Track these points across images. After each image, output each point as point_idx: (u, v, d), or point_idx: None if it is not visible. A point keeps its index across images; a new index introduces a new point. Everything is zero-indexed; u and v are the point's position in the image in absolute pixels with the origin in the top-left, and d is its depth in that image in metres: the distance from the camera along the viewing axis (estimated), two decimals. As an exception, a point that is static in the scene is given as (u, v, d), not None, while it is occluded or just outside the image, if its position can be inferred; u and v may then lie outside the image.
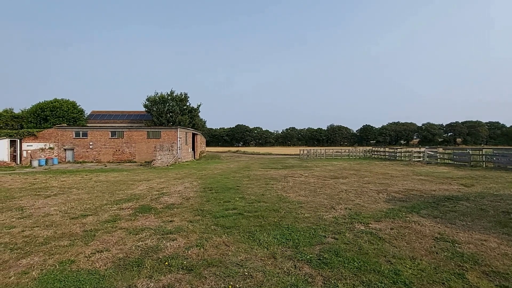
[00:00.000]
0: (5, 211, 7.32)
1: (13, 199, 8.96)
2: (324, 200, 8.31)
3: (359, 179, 12.88)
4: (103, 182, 12.85)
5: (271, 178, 13.69)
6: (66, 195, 9.54)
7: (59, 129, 28.24)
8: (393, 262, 3.99)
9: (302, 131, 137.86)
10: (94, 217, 6.60)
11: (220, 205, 7.66)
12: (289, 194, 9.31)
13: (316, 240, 4.89)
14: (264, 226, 5.69)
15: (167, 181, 13.14)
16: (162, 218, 6.50)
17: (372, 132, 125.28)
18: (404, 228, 5.56)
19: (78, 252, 4.50)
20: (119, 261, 4.14)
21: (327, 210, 7.08)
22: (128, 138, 28.28)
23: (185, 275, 3.69)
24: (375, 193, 9.37)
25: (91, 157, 27.87)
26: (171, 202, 8.26)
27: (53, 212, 7.19)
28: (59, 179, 14.29)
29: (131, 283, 3.48)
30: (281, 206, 7.47)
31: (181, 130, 29.18)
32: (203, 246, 4.65)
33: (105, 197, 9.19)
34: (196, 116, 42.40)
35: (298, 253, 4.35)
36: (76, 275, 3.71)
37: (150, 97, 38.84)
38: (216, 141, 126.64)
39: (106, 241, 4.98)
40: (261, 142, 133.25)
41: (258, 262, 4.04)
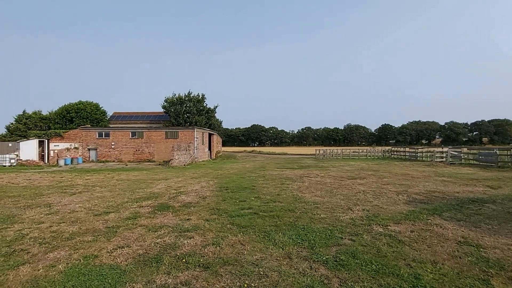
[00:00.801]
0: (34, 207, 7.76)
1: (42, 196, 9.47)
2: (341, 201, 8.19)
3: (377, 180, 12.58)
4: (124, 181, 13.31)
5: (287, 178, 13.64)
6: (90, 193, 9.97)
7: (83, 130, 29.51)
8: (413, 266, 3.88)
9: (318, 131, 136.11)
10: (116, 214, 6.87)
11: (236, 205, 7.73)
12: (304, 194, 9.25)
13: (333, 241, 4.84)
14: (279, 226, 5.70)
15: (184, 180, 13.41)
16: (180, 216, 6.66)
17: (391, 132, 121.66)
18: (425, 231, 5.39)
19: (101, 247, 4.70)
20: (139, 257, 4.29)
21: (343, 211, 6.98)
22: (148, 138, 29.10)
23: (201, 273, 3.77)
24: (395, 194, 9.12)
25: (113, 156, 28.91)
26: (188, 201, 8.43)
27: (78, 209, 7.54)
28: (84, 177, 14.94)
29: (150, 279, 3.60)
30: (297, 206, 7.43)
31: (198, 130, 29.65)
32: (219, 245, 4.73)
33: (126, 195, 9.52)
34: (213, 117, 42.89)
35: (314, 254, 4.33)
36: (99, 269, 3.88)
37: (168, 98, 39.71)
38: (232, 141, 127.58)
39: (127, 238, 5.17)
40: (277, 142, 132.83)
41: (273, 262, 4.06)
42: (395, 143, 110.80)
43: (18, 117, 34.85)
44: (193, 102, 39.61)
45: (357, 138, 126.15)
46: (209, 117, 41.46)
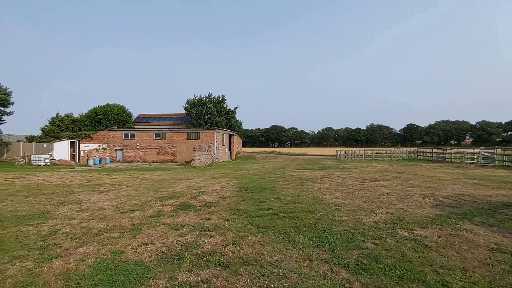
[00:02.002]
0: (66, 204, 8.24)
1: (73, 194, 10.04)
2: (363, 203, 7.98)
3: (402, 182, 12.12)
4: (148, 180, 13.79)
5: (307, 179, 13.49)
6: (117, 191, 10.43)
7: (110, 131, 30.93)
8: (441, 273, 3.70)
9: (339, 131, 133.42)
10: (140, 212, 7.14)
11: (256, 205, 7.77)
12: (325, 195, 9.10)
13: (354, 245, 4.73)
14: (299, 228, 5.65)
15: (205, 180, 13.66)
16: (201, 215, 6.79)
17: (417, 132, 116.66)
18: (454, 236, 5.12)
19: (126, 243, 4.91)
20: (162, 254, 4.43)
21: (366, 213, 6.80)
22: (170, 139, 29.94)
23: (221, 271, 3.83)
24: (421, 197, 8.75)
25: (137, 156, 30.04)
26: (209, 200, 8.58)
27: (106, 206, 7.92)
28: (111, 176, 15.65)
29: (172, 276, 3.71)
30: (317, 208, 7.34)
31: (218, 131, 30.09)
32: (239, 244, 4.77)
33: (150, 194, 9.87)
34: (233, 118, 43.38)
35: (334, 256, 4.25)
36: (125, 264, 4.06)
37: (190, 100, 40.67)
38: (251, 142, 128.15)
39: (151, 235, 5.35)
40: (297, 143, 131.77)
41: (293, 264, 4.04)
42: (422, 144, 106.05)
43: (52, 119, 37.22)
44: (213, 103, 40.30)
45: (381, 138, 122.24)
46: (229, 118, 41.97)
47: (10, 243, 4.96)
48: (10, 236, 5.31)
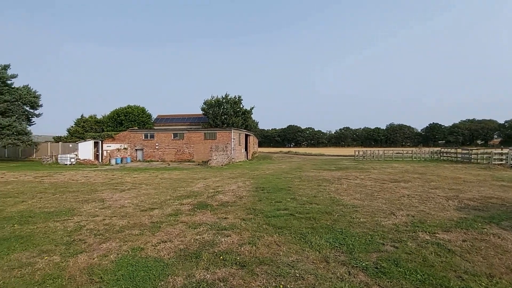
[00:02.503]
0: (90, 202, 8.61)
1: (96, 192, 10.47)
2: (383, 205, 7.77)
3: (424, 184, 11.68)
4: (167, 180, 14.14)
5: (324, 179, 13.32)
6: (137, 190, 10.76)
7: (131, 132, 31.96)
8: (465, 279, 3.55)
9: (358, 131, 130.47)
10: (159, 211, 7.33)
11: (272, 205, 7.76)
12: (343, 196, 8.95)
13: (373, 247, 4.63)
14: (316, 229, 5.60)
15: (221, 180, 13.81)
16: (218, 214, 6.88)
17: (440, 131, 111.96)
18: (479, 240, 4.88)
19: (146, 241, 5.06)
20: (180, 251, 4.54)
21: (385, 215, 6.62)
22: (188, 139, 30.51)
23: (238, 271, 3.86)
24: (444, 199, 8.40)
25: (157, 156, 30.84)
26: (225, 200, 8.67)
27: (127, 204, 8.20)
28: (132, 175, 16.17)
29: (190, 273, 3.79)
30: (334, 209, 7.23)
31: (235, 131, 30.31)
32: (255, 244, 4.80)
33: (169, 193, 10.11)
34: (249, 118, 43.56)
35: (352, 259, 4.18)
36: (145, 261, 4.19)
37: (207, 100, 41.27)
38: (268, 142, 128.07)
39: (170, 233, 5.49)
40: (313, 143, 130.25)
41: (309, 265, 4.01)
42: (445, 144, 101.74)
43: (77, 120, 39.01)
44: (230, 104, 40.65)
45: (401, 138, 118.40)
46: (246, 118, 42.17)
47: (39, 238, 5.25)
48: (39, 231, 5.62)
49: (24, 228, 5.86)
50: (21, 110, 30.06)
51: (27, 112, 31.33)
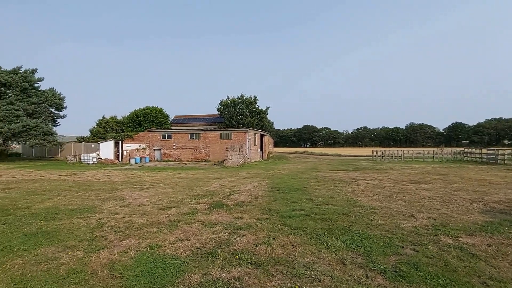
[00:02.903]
0: (111, 200, 8.92)
1: (117, 190, 10.83)
2: (402, 207, 7.54)
3: (446, 185, 11.23)
4: (184, 179, 14.40)
5: (340, 180, 13.10)
6: (155, 189, 11.04)
7: (150, 132, 32.80)
8: (490, 285, 3.39)
9: (376, 131, 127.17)
10: (176, 209, 7.49)
11: (287, 205, 7.73)
12: (360, 198, 8.76)
13: (392, 250, 4.50)
14: (332, 230, 5.52)
15: (237, 180, 13.90)
16: (233, 214, 6.94)
17: (464, 131, 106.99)
18: (506, 245, 4.64)
19: (164, 238, 5.18)
20: (197, 250, 4.61)
21: (405, 218, 6.42)
22: (204, 139, 30.92)
23: (253, 270, 3.88)
24: (468, 202, 8.04)
25: (174, 156, 31.48)
26: (241, 199, 8.72)
27: (146, 202, 8.43)
28: (150, 175, 16.60)
29: (206, 271, 3.84)
30: (351, 210, 7.10)
31: (250, 131, 30.40)
32: (270, 244, 4.79)
33: (185, 192, 10.30)
34: (264, 118, 43.52)
35: (370, 261, 4.09)
36: (163, 258, 4.29)
37: (223, 101, 41.64)
38: (283, 142, 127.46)
39: (186, 231, 5.59)
40: (330, 143, 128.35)
41: (325, 266, 3.96)
42: (469, 144, 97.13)
43: (98, 121, 40.50)
44: (245, 104, 40.80)
45: (422, 138, 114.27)
46: (261, 118, 42.17)
47: (64, 233, 5.51)
48: (64, 227, 5.89)
49: (50, 224, 6.16)
50: (47, 112, 31.60)
51: (53, 114, 32.88)
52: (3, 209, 7.61)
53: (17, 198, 9.26)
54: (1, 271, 3.86)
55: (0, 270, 3.89)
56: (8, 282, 3.58)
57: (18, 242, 4.97)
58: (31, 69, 30.64)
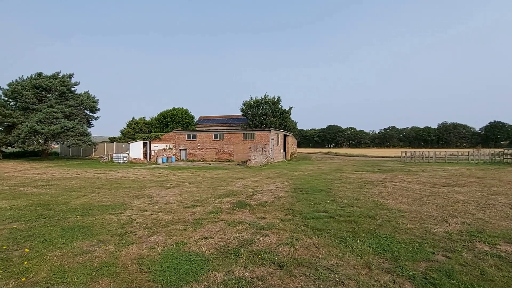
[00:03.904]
0: (140, 197, 9.33)
1: (145, 188, 11.31)
2: (433, 210, 7.16)
3: (483, 189, 10.48)
4: (208, 178, 14.71)
5: (366, 181, 12.69)
6: (181, 188, 11.39)
7: (176, 133, 33.87)
8: (534, 298, 3.12)
9: (405, 131, 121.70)
10: (201, 208, 7.67)
11: (311, 207, 7.63)
12: (387, 200, 8.44)
13: (422, 256, 4.29)
14: (357, 233, 5.37)
15: (260, 180, 13.94)
16: (256, 214, 6.98)
17: (503, 130, 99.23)
18: (554, 256, 4.24)
19: (189, 236, 5.34)
20: (220, 248, 4.70)
21: (436, 222, 6.09)
22: (227, 139, 31.36)
23: (276, 271, 3.88)
24: (507, 207, 7.45)
25: (198, 156, 32.24)
26: (264, 200, 8.75)
27: (172, 201, 8.72)
28: (176, 174, 17.14)
29: (229, 270, 3.91)
30: (378, 213, 6.85)
31: (273, 132, 30.35)
32: (293, 245, 4.77)
33: (210, 191, 10.51)
34: (287, 118, 43.27)
35: (398, 267, 3.93)
36: (188, 255, 4.42)
37: (246, 101, 42.01)
38: (307, 142, 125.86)
39: (210, 230, 5.72)
40: (355, 143, 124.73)
41: (350, 270, 3.87)
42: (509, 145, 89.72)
43: (128, 123, 42.53)
44: (268, 104, 40.84)
45: (456, 138, 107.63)
46: (284, 119, 41.98)
47: (97, 228, 5.85)
48: (97, 223, 6.26)
49: (85, 219, 6.58)
50: (82, 114, 33.70)
51: (87, 116, 34.99)
52: (44, 204, 8.24)
53: (56, 194, 9.98)
54: (43, 262, 4.18)
55: (42, 261, 4.22)
56: (48, 272, 3.87)
57: (57, 235, 5.37)
58: (68, 74, 32.85)
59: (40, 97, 30.78)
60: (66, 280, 3.64)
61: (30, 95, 29.56)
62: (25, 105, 29.72)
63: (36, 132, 27.90)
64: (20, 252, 4.53)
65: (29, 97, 29.50)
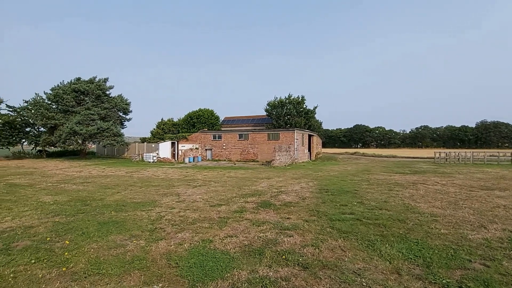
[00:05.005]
0: (168, 195, 9.70)
1: (173, 187, 11.74)
2: (470, 215, 6.70)
3: (529, 194, 9.61)
4: (233, 178, 14.92)
5: (396, 183, 12.15)
6: (207, 187, 11.67)
7: (202, 133, 34.72)
8: None
9: (439, 130, 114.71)
10: (226, 207, 7.82)
11: (336, 208, 7.48)
12: (419, 204, 8.03)
13: (457, 263, 4.05)
14: (386, 237, 5.18)
15: (284, 180, 13.88)
16: (280, 214, 6.97)
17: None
18: None
19: (214, 234, 5.47)
20: (245, 247, 4.77)
21: (473, 228, 5.70)
22: (252, 140, 31.57)
23: (300, 272, 3.86)
24: (559, 214, 6.77)
25: (224, 156, 32.79)
26: (288, 200, 8.71)
27: (198, 199, 8.97)
28: (202, 173, 17.59)
29: (254, 269, 3.96)
30: (408, 217, 6.55)
31: (298, 132, 30.05)
32: (318, 247, 4.71)
33: (234, 190, 10.67)
34: (312, 118, 42.58)
35: (430, 274, 3.75)
36: (213, 252, 4.54)
37: (270, 102, 41.96)
38: (332, 142, 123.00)
39: (235, 228, 5.81)
40: (384, 143, 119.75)
41: (378, 275, 3.75)
42: None
43: (158, 123, 44.32)
44: (293, 104, 40.49)
45: (496, 138, 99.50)
46: (309, 118, 41.38)
47: (130, 224, 6.18)
48: (130, 218, 6.61)
49: (118, 215, 6.98)
50: (116, 116, 35.68)
51: (121, 117, 36.97)
52: (82, 200, 8.86)
53: (93, 191, 10.68)
54: (81, 253, 4.51)
55: (80, 252, 4.55)
56: (86, 262, 4.17)
57: (93, 229, 5.75)
58: (103, 78, 34.96)
59: (79, 100, 33.04)
60: (101, 271, 3.90)
61: (70, 99, 31.85)
62: (65, 108, 32.07)
63: (75, 133, 30.01)
64: (61, 244, 4.92)
65: (69, 101, 31.80)
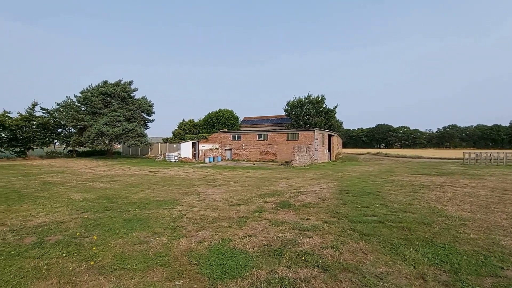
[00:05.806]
0: (189, 194, 9.93)
1: (194, 186, 11.99)
2: (502, 220, 6.30)
3: None
4: (252, 178, 15.00)
5: (421, 185, 11.66)
6: (226, 186, 11.81)
7: (221, 133, 35.19)
8: None
9: (468, 129, 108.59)
10: (245, 207, 7.88)
11: (357, 210, 7.30)
12: (446, 207, 7.66)
13: (487, 270, 3.83)
14: (410, 240, 5.00)
15: (304, 180, 13.75)
16: (299, 215, 6.92)
17: None
18: None
19: (234, 233, 5.53)
20: (264, 247, 4.79)
21: (506, 234, 5.36)
22: (271, 140, 31.53)
23: (320, 274, 3.82)
24: None
25: (243, 156, 33.01)
26: (307, 201, 8.62)
27: (218, 199, 9.11)
28: (222, 173, 17.82)
29: (272, 269, 3.96)
30: (435, 220, 6.27)
31: (318, 131, 29.63)
32: (338, 249, 4.63)
33: (254, 190, 10.72)
34: (332, 117, 41.79)
35: (458, 280, 3.57)
36: (233, 251, 4.60)
37: (290, 102, 41.69)
38: (353, 143, 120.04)
39: (254, 228, 5.85)
40: (408, 144, 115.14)
41: (402, 280, 3.63)
42: None
43: (179, 124, 45.42)
44: (312, 104, 39.98)
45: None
46: (329, 118, 40.66)
47: (153, 221, 6.40)
48: (153, 216, 6.84)
49: (142, 212, 7.24)
50: (140, 117, 36.99)
51: (144, 118, 38.30)
52: (108, 197, 9.28)
53: (119, 189, 11.15)
54: (107, 248, 4.74)
55: (107, 247, 4.78)
56: (112, 257, 4.38)
57: (119, 226, 6.01)
58: (128, 81, 36.38)
59: (106, 102, 34.61)
60: (126, 266, 4.07)
61: (98, 101, 33.43)
62: (93, 110, 33.71)
63: (103, 134, 31.48)
64: (89, 239, 5.19)
65: (97, 103, 33.38)
